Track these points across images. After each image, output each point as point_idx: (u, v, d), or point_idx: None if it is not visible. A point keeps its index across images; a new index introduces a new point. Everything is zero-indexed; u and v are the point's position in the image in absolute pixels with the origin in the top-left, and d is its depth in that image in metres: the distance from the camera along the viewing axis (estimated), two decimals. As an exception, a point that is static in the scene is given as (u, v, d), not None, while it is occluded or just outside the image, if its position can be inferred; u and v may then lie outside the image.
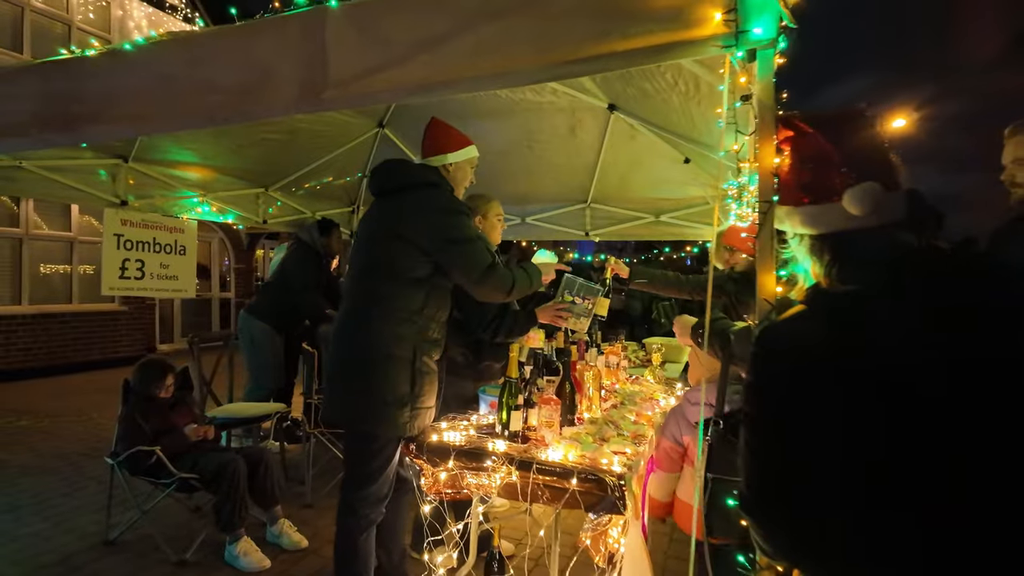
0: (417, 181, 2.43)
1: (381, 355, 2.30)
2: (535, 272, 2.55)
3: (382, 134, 4.63)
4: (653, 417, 2.79)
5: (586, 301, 2.83)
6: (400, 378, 2.30)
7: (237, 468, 3.12)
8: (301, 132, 4.16)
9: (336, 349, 2.45)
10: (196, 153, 3.94)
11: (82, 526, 3.54)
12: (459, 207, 2.41)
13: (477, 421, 2.57)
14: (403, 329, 2.31)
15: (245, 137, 3.98)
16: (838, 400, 0.89)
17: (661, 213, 4.95)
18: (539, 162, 4.62)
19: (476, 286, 2.35)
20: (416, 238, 2.29)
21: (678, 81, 2.79)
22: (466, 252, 2.31)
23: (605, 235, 5.27)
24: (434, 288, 2.37)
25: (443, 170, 2.49)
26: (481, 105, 3.96)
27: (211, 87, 1.78)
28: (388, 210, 2.41)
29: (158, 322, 10.82)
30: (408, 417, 2.31)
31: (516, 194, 4.96)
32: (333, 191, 5.29)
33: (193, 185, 4.18)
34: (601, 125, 4.15)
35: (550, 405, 2.33)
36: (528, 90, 3.79)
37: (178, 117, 1.81)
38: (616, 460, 2.10)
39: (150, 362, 3.43)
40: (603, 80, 3.42)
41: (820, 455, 0.90)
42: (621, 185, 4.79)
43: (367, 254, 2.44)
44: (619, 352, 3.58)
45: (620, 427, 2.53)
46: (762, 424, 0.99)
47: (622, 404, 2.95)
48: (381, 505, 2.40)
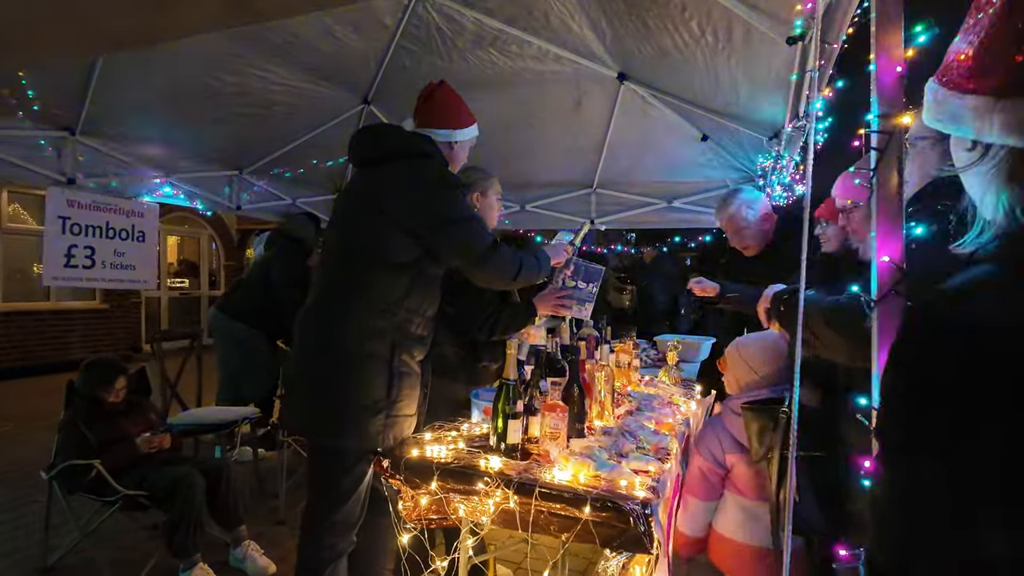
0: (406, 150, 2.05)
1: (353, 352, 1.91)
2: (544, 256, 2.16)
3: (367, 111, 4.22)
4: (675, 425, 2.38)
5: (589, 285, 2.44)
6: (375, 380, 1.91)
7: (193, 484, 2.71)
8: (276, 106, 3.76)
9: (299, 345, 2.05)
10: (155, 127, 3.53)
11: (22, 548, 3.13)
12: (453, 181, 2.06)
13: (468, 431, 2.16)
14: (380, 322, 1.93)
15: (212, 110, 3.58)
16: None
17: (675, 198, 4.53)
18: (540, 141, 4.21)
19: (475, 269, 2.00)
20: (403, 216, 1.92)
21: (705, 31, 2.39)
22: (463, 231, 1.96)
23: (612, 223, 4.85)
24: (420, 276, 1.99)
25: (444, 146, 2.12)
26: (475, 76, 3.57)
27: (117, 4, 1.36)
28: (370, 182, 2.05)
29: (144, 321, 10.42)
30: (382, 426, 1.92)
31: (514, 178, 4.53)
32: (315, 176, 4.87)
33: (153, 163, 3.75)
34: (609, 98, 3.74)
35: (555, 412, 1.91)
36: (529, 58, 3.40)
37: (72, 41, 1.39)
38: (638, 482, 1.69)
39: (98, 362, 3.03)
40: (615, 40, 3.00)
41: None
42: (630, 168, 4.38)
43: (343, 233, 2.06)
44: (631, 351, 3.16)
45: (639, 438, 2.11)
46: (925, 444, 0.58)
47: (638, 410, 2.53)
48: (351, 533, 2.01)
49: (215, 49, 3.08)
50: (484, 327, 2.51)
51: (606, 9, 2.69)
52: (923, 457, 0.59)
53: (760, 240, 2.91)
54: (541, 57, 3.37)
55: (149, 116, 3.43)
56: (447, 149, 2.12)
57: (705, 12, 2.27)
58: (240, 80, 3.43)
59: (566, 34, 3.13)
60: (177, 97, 3.39)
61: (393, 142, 2.08)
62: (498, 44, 3.32)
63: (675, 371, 3.40)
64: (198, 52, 3.05)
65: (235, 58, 3.25)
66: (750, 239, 2.91)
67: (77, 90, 3.03)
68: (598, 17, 2.82)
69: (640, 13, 2.54)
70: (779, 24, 2.20)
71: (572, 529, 1.64)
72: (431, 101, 2.17)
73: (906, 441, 0.62)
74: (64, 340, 8.86)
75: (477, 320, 2.52)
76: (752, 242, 2.92)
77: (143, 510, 2.81)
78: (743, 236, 2.90)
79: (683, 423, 2.52)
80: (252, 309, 4.34)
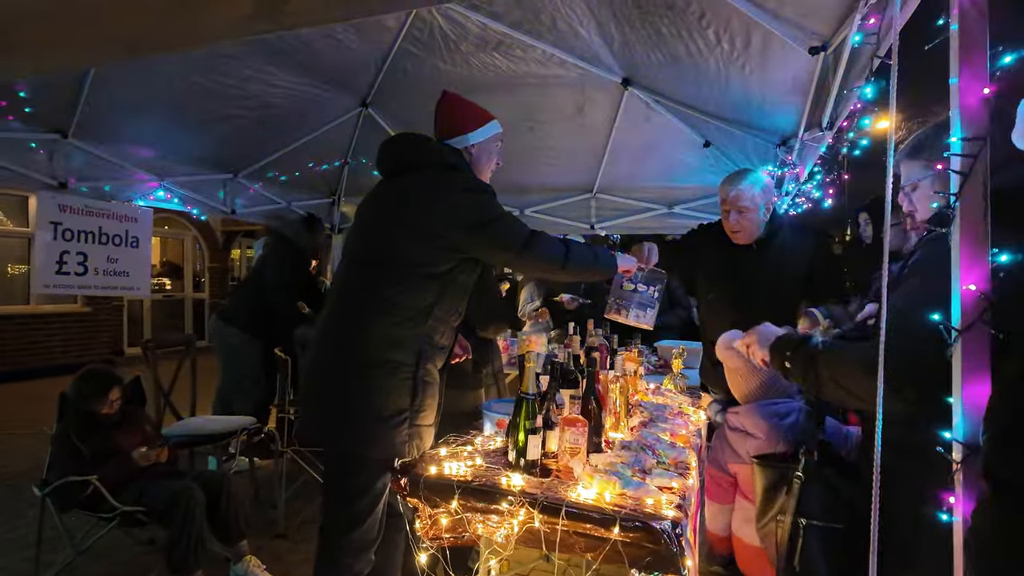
0: (433, 161, 2.04)
1: (377, 360, 1.87)
2: (605, 252, 2.18)
3: (366, 114, 4.16)
4: (689, 437, 2.36)
5: (651, 288, 2.38)
6: (400, 389, 1.88)
7: (193, 498, 2.63)
8: (273, 109, 3.67)
9: (319, 352, 2.02)
10: (150, 130, 3.43)
11: (11, 565, 3.02)
12: (483, 186, 2.04)
13: (483, 445, 2.12)
14: (406, 330, 1.90)
15: (209, 112, 3.49)
16: None
17: (675, 204, 4.51)
18: (541, 146, 4.18)
19: (522, 259, 1.97)
20: (436, 226, 1.90)
21: (721, 39, 2.37)
22: (499, 227, 1.94)
23: (612, 228, 4.82)
24: (450, 285, 1.97)
25: (466, 153, 2.10)
26: (476, 79, 3.53)
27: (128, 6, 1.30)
28: (397, 193, 2.02)
29: (126, 323, 10.21)
30: (407, 436, 1.89)
31: (514, 182, 4.49)
32: (312, 179, 4.78)
33: (147, 167, 3.65)
34: (613, 103, 3.71)
35: (576, 427, 1.88)
36: (533, 62, 3.36)
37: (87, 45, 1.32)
38: (664, 500, 1.66)
39: (92, 372, 2.91)
40: (623, 47, 2.97)
41: None
42: (631, 173, 4.35)
43: (369, 242, 2.03)
44: (637, 359, 3.13)
45: (658, 452, 2.08)
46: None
47: (651, 421, 2.50)
48: (369, 552, 1.96)
49: (213, 50, 3.00)
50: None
51: (617, 14, 2.66)
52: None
53: (754, 229, 2.65)
54: (545, 61, 3.34)
55: (144, 118, 3.33)
56: (467, 155, 2.10)
57: (724, 20, 2.25)
58: (238, 82, 3.35)
59: (572, 39, 3.10)
60: (173, 99, 3.30)
61: (419, 153, 2.06)
62: (502, 48, 3.28)
63: (680, 379, 3.39)
64: (196, 53, 2.97)
65: (233, 59, 3.17)
66: (748, 223, 2.63)
67: (70, 91, 2.93)
68: (607, 22, 2.79)
69: (654, 20, 2.52)
70: (801, 32, 2.19)
71: (599, 549, 1.61)
72: (438, 114, 2.16)
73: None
74: (46, 344, 8.65)
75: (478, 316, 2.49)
76: (749, 227, 2.64)
77: (140, 526, 2.73)
78: (744, 217, 2.62)
79: (695, 434, 2.50)
80: (246, 314, 4.25)
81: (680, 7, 2.33)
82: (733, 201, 2.61)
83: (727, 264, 2.76)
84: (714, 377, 3.06)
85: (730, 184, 2.64)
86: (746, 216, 2.61)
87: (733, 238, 2.70)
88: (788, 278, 2.62)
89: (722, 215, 2.71)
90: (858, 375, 1.17)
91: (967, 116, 0.78)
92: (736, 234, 2.68)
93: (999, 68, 0.78)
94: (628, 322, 2.52)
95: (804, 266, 2.65)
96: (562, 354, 2.42)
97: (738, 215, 2.62)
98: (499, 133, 2.17)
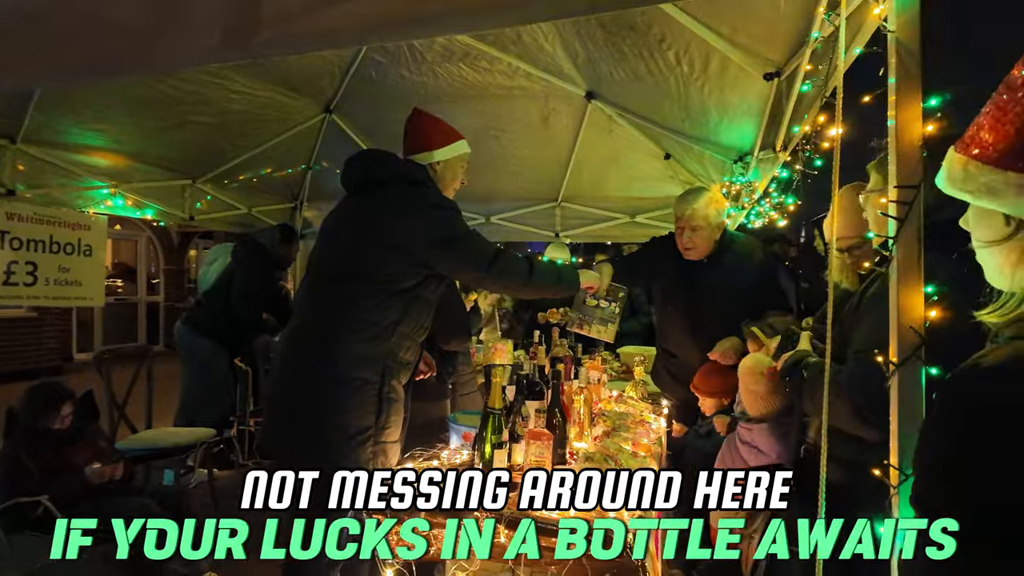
0: (399, 177, 2.05)
1: (343, 377, 1.88)
2: (569, 269, 2.20)
3: (329, 120, 4.12)
4: (651, 446, 2.42)
5: (612, 304, 2.44)
6: (364, 406, 1.90)
7: (150, 516, 2.56)
8: (234, 115, 3.61)
9: (284, 367, 2.03)
10: (105, 135, 3.32)
11: (-47, 589, 2.87)
12: (448, 203, 2.06)
13: (449, 459, 2.13)
14: (371, 348, 1.91)
15: (167, 118, 3.41)
16: None
17: (637, 213, 4.62)
18: (506, 155, 4.22)
19: (488, 275, 2.00)
20: (402, 242, 1.92)
21: (681, 60, 2.44)
22: (467, 245, 1.98)
23: (577, 236, 4.90)
24: (416, 300, 1.99)
25: (430, 169, 2.12)
26: (442, 88, 3.54)
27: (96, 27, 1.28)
28: (363, 208, 2.04)
29: (75, 328, 9.81)
30: (371, 454, 1.91)
31: (480, 190, 4.49)
32: (273, 185, 4.71)
33: (102, 174, 3.54)
34: (577, 115, 3.78)
35: (541, 441, 1.92)
36: (498, 73, 3.39)
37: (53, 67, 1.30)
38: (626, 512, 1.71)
39: (41, 387, 2.82)
40: (587, 62, 3.03)
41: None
42: (595, 182, 4.44)
43: (333, 257, 2.04)
44: (599, 367, 3.20)
45: (619, 463, 2.13)
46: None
47: (614, 431, 2.56)
48: (335, 569, 1.96)
49: (172, 56, 2.93)
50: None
51: (581, 32, 2.72)
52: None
53: (706, 246, 2.77)
54: (511, 73, 3.38)
55: (98, 124, 3.23)
56: (431, 171, 2.12)
57: (684, 43, 2.32)
58: (197, 88, 3.28)
59: (537, 52, 3.14)
60: (129, 105, 3.21)
61: (385, 169, 2.07)
62: (468, 59, 3.30)
63: (641, 385, 3.46)
64: (154, 58, 2.90)
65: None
66: (700, 241, 2.75)
67: (19, 97, 2.83)
68: (572, 39, 2.85)
69: (616, 40, 2.59)
70: (756, 60, 2.29)
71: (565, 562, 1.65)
72: (406, 131, 2.19)
73: (952, 507, 0.65)
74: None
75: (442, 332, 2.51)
76: (701, 244, 2.76)
77: (95, 546, 2.64)
78: (697, 235, 2.74)
79: (656, 442, 2.57)
80: (215, 323, 4.17)
81: (641, 29, 2.40)
82: (688, 220, 2.72)
83: (681, 277, 2.88)
84: (669, 384, 3.16)
85: (685, 204, 2.75)
86: (699, 234, 2.73)
87: (686, 254, 2.82)
88: (739, 291, 2.74)
89: (676, 231, 2.81)
90: (831, 398, 1.24)
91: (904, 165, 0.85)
92: (689, 251, 2.80)
93: (932, 112, 0.85)
94: (590, 335, 2.58)
95: (754, 278, 2.78)
96: (528, 365, 2.47)
97: (692, 232, 2.74)
98: (466, 154, 2.20)
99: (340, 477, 1.86)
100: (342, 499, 1.91)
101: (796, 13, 1.88)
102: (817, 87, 1.47)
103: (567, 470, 1.90)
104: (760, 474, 1.44)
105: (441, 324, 2.50)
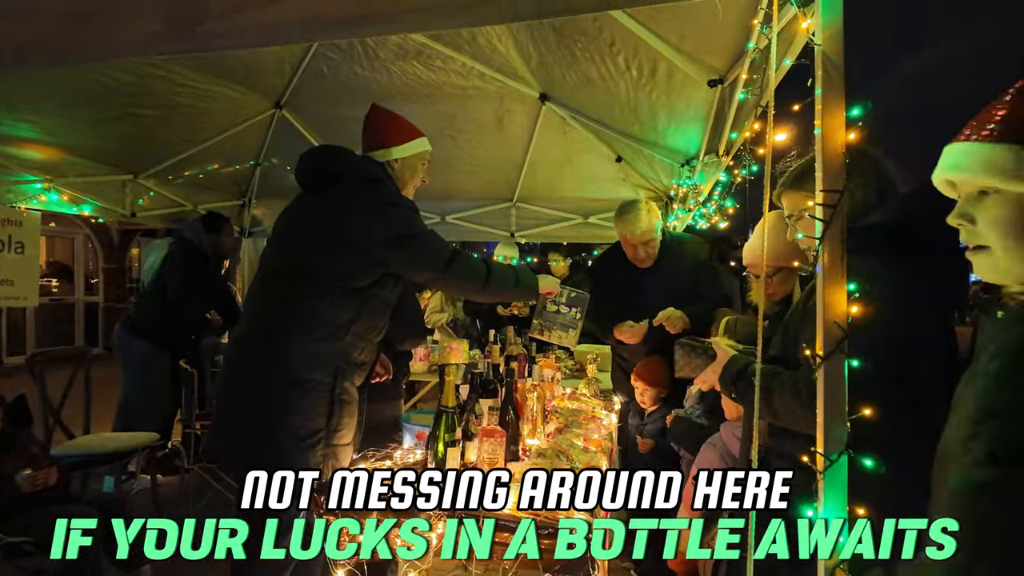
0: (356, 173, 2.01)
1: (294, 378, 1.84)
2: (528, 274, 2.19)
3: (279, 116, 4.03)
4: (601, 441, 2.48)
5: (573, 310, 2.47)
6: (315, 407, 1.86)
7: (88, 524, 2.46)
8: (179, 108, 3.49)
9: (232, 368, 1.98)
10: (37, 127, 3.16)
11: None
12: (406, 201, 2.03)
13: (402, 458, 2.13)
14: (324, 347, 1.88)
15: (106, 110, 3.27)
16: None
17: (590, 214, 4.71)
18: (462, 154, 4.23)
19: (443, 277, 1.98)
20: (357, 239, 1.89)
21: (631, 66, 2.51)
22: (423, 244, 1.95)
23: (532, 236, 4.95)
24: (372, 299, 1.96)
25: (388, 167, 2.09)
26: (396, 86, 3.52)
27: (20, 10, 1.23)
28: (317, 204, 1.99)
29: (6, 330, 9.26)
30: (321, 457, 1.87)
31: (436, 189, 4.47)
32: (220, 181, 4.57)
33: (36, 168, 3.37)
34: (531, 117, 3.82)
35: (494, 438, 1.94)
36: (453, 72, 3.39)
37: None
38: (576, 506, 1.75)
39: (-32, 392, 2.66)
40: (540, 65, 3.07)
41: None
42: (550, 183, 4.50)
43: (286, 255, 1.99)
44: (553, 364, 3.25)
45: (571, 457, 2.18)
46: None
47: (566, 427, 2.60)
48: (286, 572, 1.92)
49: (112, 46, 2.82)
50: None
51: (535, 35, 2.75)
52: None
53: (654, 253, 2.91)
54: (465, 73, 3.38)
55: (31, 115, 3.06)
56: (390, 168, 2.09)
57: (632, 48, 2.38)
58: (138, 80, 3.15)
59: (491, 53, 3.16)
60: (65, 97, 3.06)
61: (342, 166, 2.03)
62: (421, 57, 3.29)
63: (594, 383, 3.53)
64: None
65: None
66: (653, 251, 2.89)
67: (-58, 85, 2.68)
68: (525, 42, 2.88)
69: (569, 43, 2.63)
70: (701, 67, 2.37)
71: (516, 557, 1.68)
72: (365, 127, 2.16)
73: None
74: (-94, 355, 7.73)
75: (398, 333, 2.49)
76: (654, 253, 2.90)
77: (28, 556, 2.52)
78: (650, 245, 2.87)
79: (607, 438, 2.63)
80: (152, 324, 4.01)
81: (592, 33, 2.46)
82: (640, 238, 2.83)
83: (629, 282, 2.99)
84: (623, 384, 3.25)
85: (630, 223, 2.83)
86: (651, 245, 2.87)
87: (640, 264, 2.94)
88: (682, 289, 2.85)
89: (625, 248, 2.92)
90: (788, 400, 1.29)
91: (828, 170, 0.91)
92: (643, 260, 2.93)
93: (853, 121, 0.92)
94: (552, 341, 2.61)
95: (694, 276, 2.90)
96: (482, 364, 2.49)
97: (644, 246, 2.86)
98: (427, 152, 2.18)
99: (281, 477, 1.83)
100: (282, 498, 1.88)
101: (736, 24, 1.97)
102: (754, 95, 1.55)
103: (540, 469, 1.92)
104: (760, 474, 1.47)
105: (396, 324, 2.50)
